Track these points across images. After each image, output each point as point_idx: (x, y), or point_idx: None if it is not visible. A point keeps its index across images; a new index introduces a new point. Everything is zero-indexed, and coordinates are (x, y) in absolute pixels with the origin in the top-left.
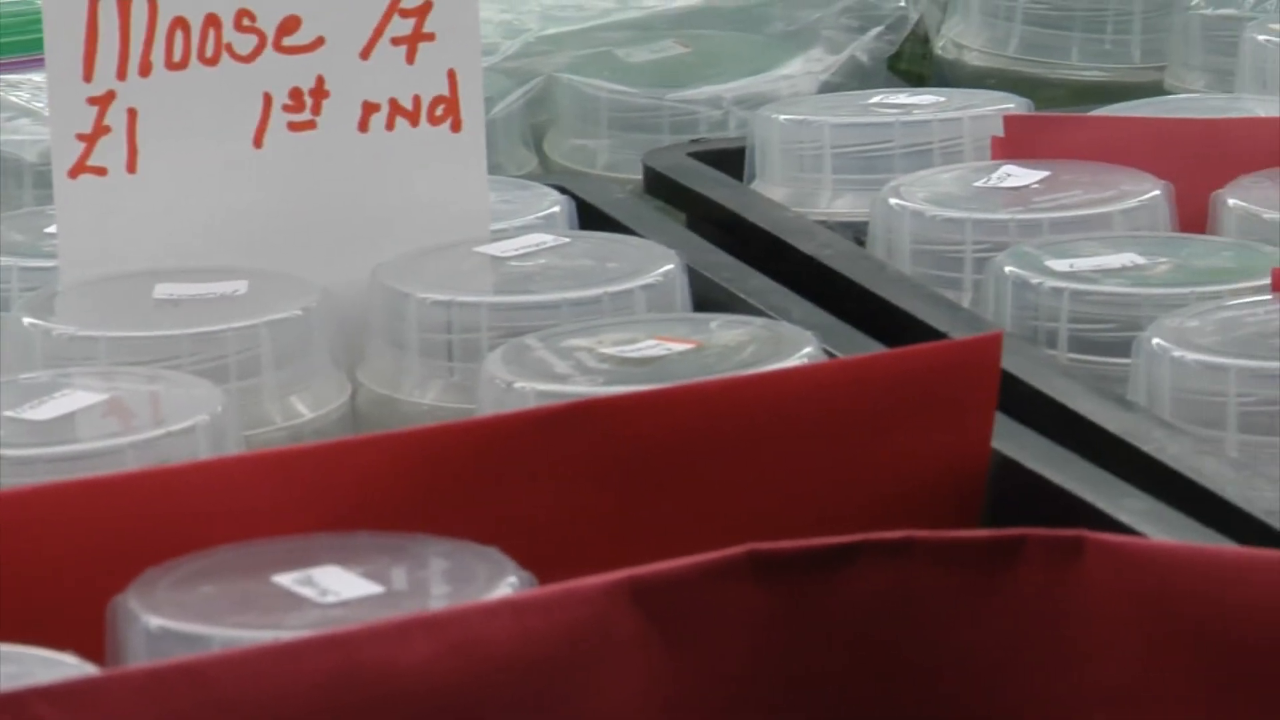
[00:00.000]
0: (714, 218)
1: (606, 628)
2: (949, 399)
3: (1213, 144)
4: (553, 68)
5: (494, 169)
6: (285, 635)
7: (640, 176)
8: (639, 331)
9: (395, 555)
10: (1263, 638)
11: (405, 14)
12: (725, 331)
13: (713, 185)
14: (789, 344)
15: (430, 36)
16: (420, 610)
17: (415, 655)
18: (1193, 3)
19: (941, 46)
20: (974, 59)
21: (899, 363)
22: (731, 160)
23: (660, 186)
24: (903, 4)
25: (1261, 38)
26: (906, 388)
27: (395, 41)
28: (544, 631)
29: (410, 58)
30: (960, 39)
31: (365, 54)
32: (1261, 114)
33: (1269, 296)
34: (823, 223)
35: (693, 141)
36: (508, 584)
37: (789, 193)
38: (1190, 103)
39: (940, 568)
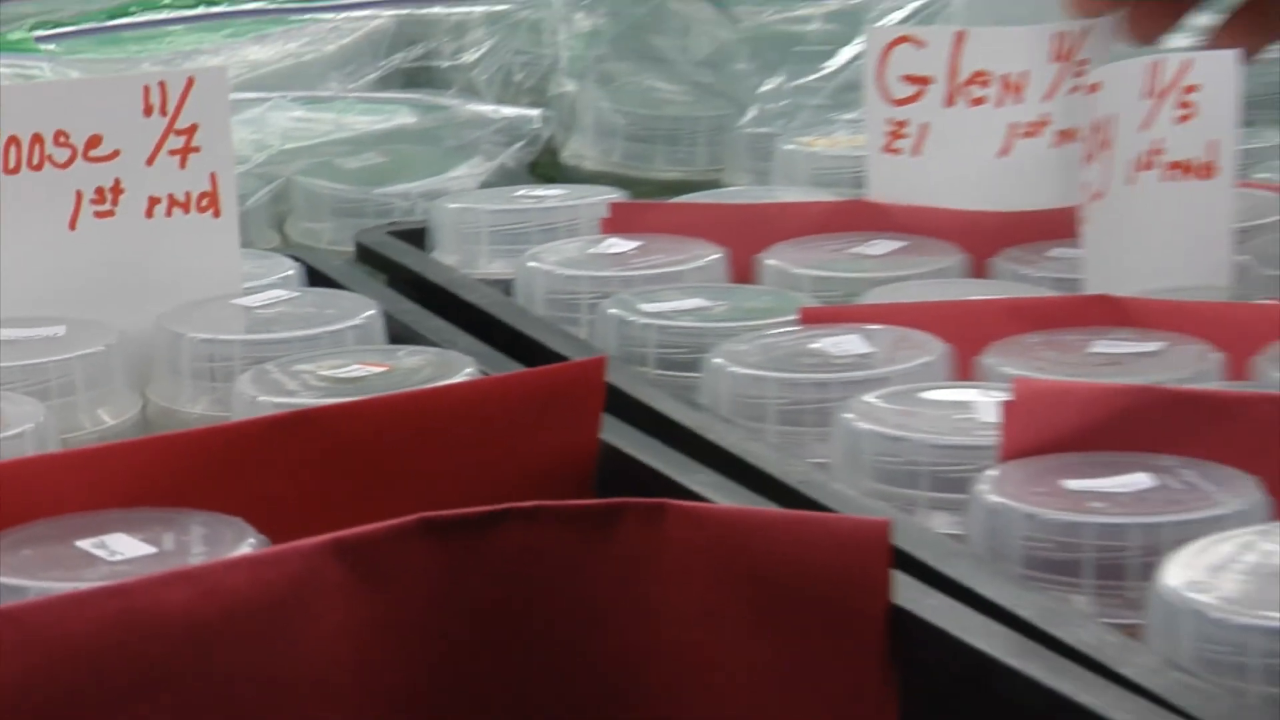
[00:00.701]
0: (405, 278)
1: (319, 577)
2: (569, 404)
3: (756, 221)
4: (290, 172)
5: (246, 244)
6: (82, 586)
7: (353, 249)
8: (348, 359)
9: (167, 524)
10: (794, 576)
11: (179, 133)
12: (410, 358)
13: (404, 255)
14: (455, 366)
15: (197, 149)
16: (182, 565)
17: (178, 600)
18: (741, 123)
19: (566, 156)
20: (589, 165)
21: (534, 378)
22: (418, 237)
23: (367, 256)
24: (538, 125)
25: (788, 147)
26: (539, 396)
27: (171, 153)
28: (273, 580)
29: (183, 164)
30: (580, 151)
31: (150, 161)
32: (788, 200)
33: (797, 328)
34: (482, 280)
35: (390, 224)
36: (247, 544)
37: (458, 259)
38: (740, 193)
39: (562, 529)
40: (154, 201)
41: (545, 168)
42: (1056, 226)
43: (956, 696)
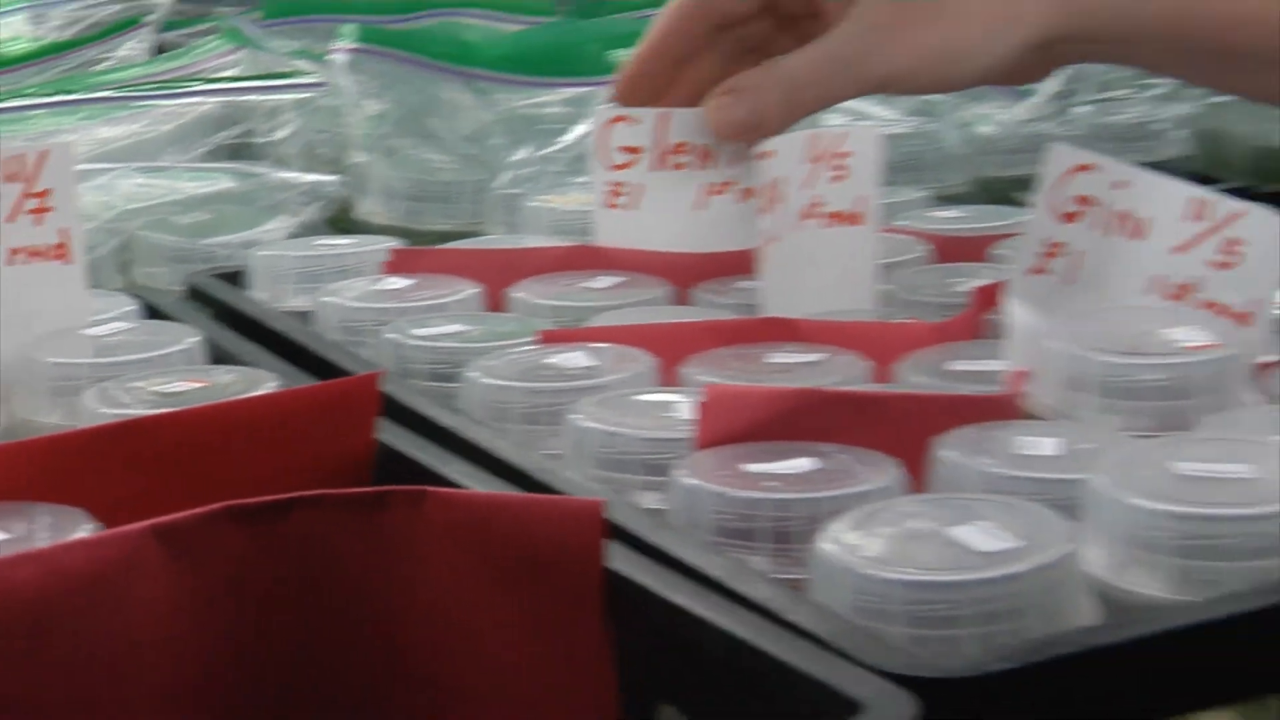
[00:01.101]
0: (225, 312)
1: (143, 556)
2: (352, 410)
3: (506, 263)
4: (133, 227)
5: (96, 286)
6: None
7: (184, 289)
8: (173, 377)
9: (21, 515)
10: (530, 547)
11: (35, 196)
12: (224, 376)
13: (225, 293)
14: (260, 381)
15: (51, 209)
16: (29, 548)
17: (25, 577)
18: (496, 185)
19: (358, 213)
20: (377, 220)
21: (323, 390)
22: (236, 278)
23: (195, 295)
24: (335, 188)
25: (533, 204)
26: (328, 404)
27: (29, 212)
28: (108, 558)
29: (39, 221)
30: (369, 209)
31: (12, 219)
32: (531, 246)
33: (536, 347)
34: (287, 312)
35: (214, 268)
36: (84, 530)
37: (269, 295)
38: (495, 241)
39: (341, 513)
40: (14, 252)
41: (341, 222)
42: (742, 265)
43: (661, 643)
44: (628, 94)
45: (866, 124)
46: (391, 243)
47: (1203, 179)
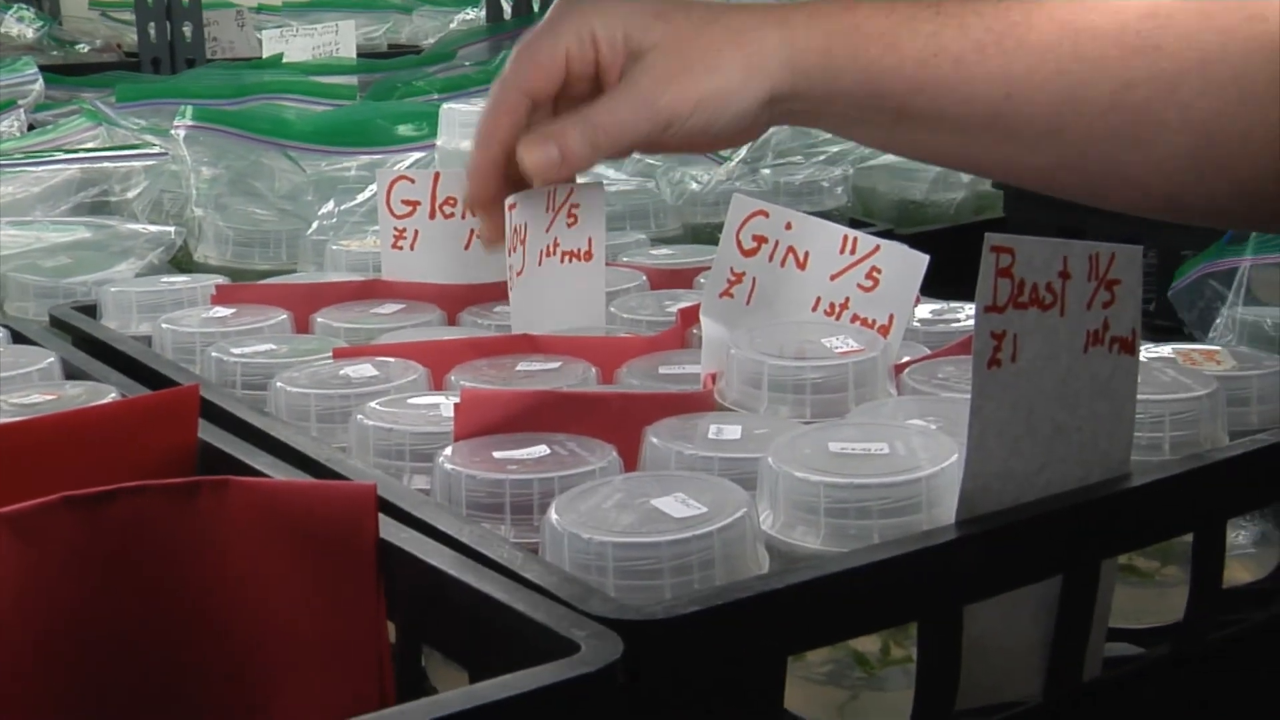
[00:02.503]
0: (82, 338)
1: None
2: (178, 415)
3: (311, 295)
4: (5, 269)
5: None
6: None
7: (48, 319)
8: (30, 391)
9: None
10: (317, 524)
11: None
12: (73, 389)
13: (82, 322)
14: (103, 394)
15: None
16: None
17: None
18: (308, 233)
19: (196, 257)
20: (212, 262)
21: (154, 398)
22: (92, 310)
23: (57, 324)
24: (176, 238)
25: (335, 248)
26: (157, 409)
27: None
28: None
29: None
30: (205, 253)
31: None
32: (332, 280)
33: (332, 361)
34: (133, 336)
35: (74, 302)
36: None
37: (117, 324)
38: (305, 277)
39: (160, 500)
40: None
41: (182, 264)
42: (498, 293)
43: (426, 599)
44: (478, 198)
45: (592, 181)
46: (220, 280)
47: (856, 223)
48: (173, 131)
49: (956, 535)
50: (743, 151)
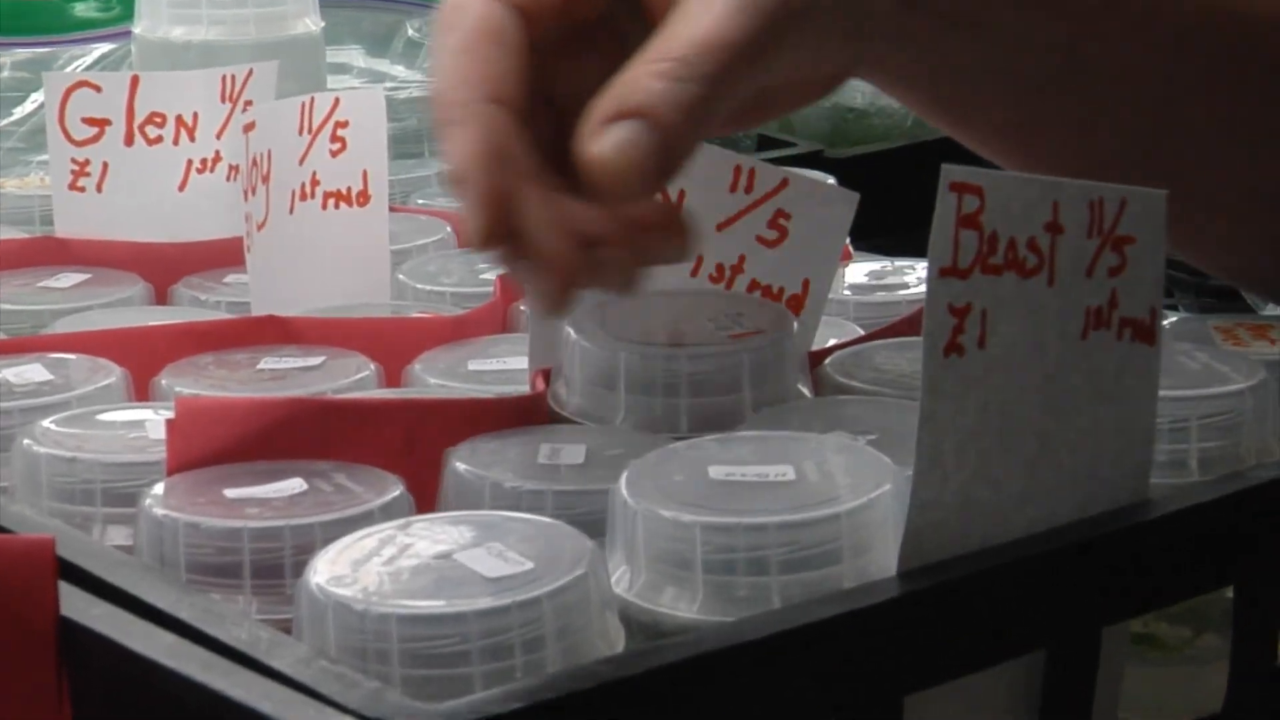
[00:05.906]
0: None
1: None
2: None
3: None
4: None
5: None
6: None
7: None
8: None
9: None
10: None
11: None
12: None
13: None
14: None
15: None
16: None
17: None
18: None
19: None
20: None
21: None
22: None
23: None
24: None
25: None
26: None
27: None
28: None
29: None
30: None
31: None
32: None
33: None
34: None
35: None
36: None
37: None
38: None
39: None
40: None
41: None
42: (232, 254)
43: (126, 697)
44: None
45: (367, 87)
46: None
47: (766, 142)
48: None
49: (895, 594)
50: None
